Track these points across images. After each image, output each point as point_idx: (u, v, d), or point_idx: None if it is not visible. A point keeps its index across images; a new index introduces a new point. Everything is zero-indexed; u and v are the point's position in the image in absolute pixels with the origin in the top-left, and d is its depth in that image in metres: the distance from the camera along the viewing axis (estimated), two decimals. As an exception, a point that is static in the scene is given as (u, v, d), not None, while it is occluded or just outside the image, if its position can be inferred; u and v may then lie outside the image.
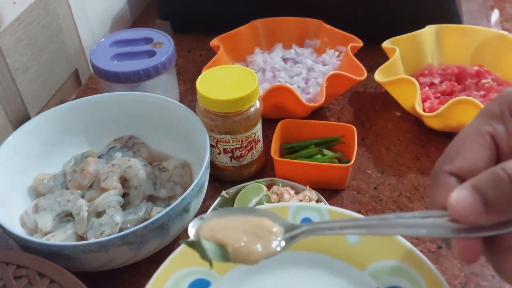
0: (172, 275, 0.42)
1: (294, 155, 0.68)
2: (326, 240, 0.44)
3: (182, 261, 0.41)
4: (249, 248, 0.33)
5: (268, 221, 0.35)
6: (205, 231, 0.35)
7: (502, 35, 0.78)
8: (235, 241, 0.34)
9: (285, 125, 0.69)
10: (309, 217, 0.47)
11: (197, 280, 0.41)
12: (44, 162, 0.64)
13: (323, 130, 0.69)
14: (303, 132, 0.70)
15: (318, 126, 0.70)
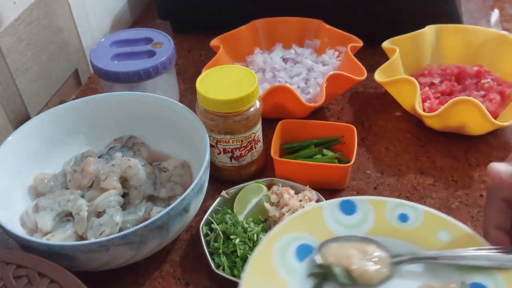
0: (282, 238, 0.46)
1: (294, 155, 0.68)
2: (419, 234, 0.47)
3: (290, 228, 0.45)
4: (369, 272, 0.42)
5: (377, 248, 0.43)
6: (331, 257, 0.43)
7: (501, 35, 0.78)
8: (359, 267, 0.42)
9: (285, 125, 0.69)
10: (405, 213, 0.48)
11: (303, 245, 0.45)
12: (44, 162, 0.64)
13: (323, 130, 0.69)
14: (303, 132, 0.70)
15: (318, 126, 0.70)
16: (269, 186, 0.64)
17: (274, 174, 0.67)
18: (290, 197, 0.60)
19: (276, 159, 0.65)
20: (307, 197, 0.61)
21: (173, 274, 0.58)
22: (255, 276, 0.43)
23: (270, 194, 0.62)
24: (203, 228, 0.59)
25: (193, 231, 0.63)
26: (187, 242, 0.62)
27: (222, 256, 0.56)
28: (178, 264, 0.59)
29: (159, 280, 0.58)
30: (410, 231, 0.46)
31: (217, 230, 0.58)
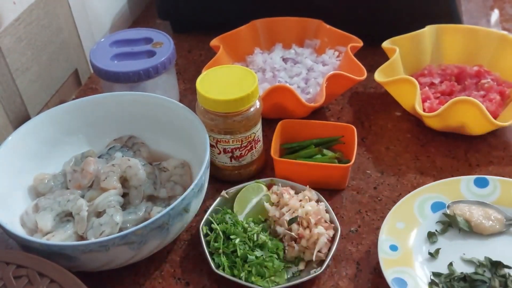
0: (423, 195, 0.61)
1: (294, 155, 0.68)
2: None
3: (431, 190, 0.61)
4: (484, 225, 0.57)
5: (496, 212, 0.58)
6: (458, 211, 0.58)
7: (501, 35, 0.78)
8: (476, 220, 0.57)
9: (285, 125, 0.69)
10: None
11: (437, 202, 0.60)
12: (44, 162, 0.64)
13: (323, 130, 0.69)
14: (303, 132, 0.70)
15: (318, 126, 0.69)
16: (269, 186, 0.64)
17: (274, 174, 0.67)
18: (290, 197, 0.60)
19: (276, 159, 0.65)
20: (307, 197, 0.61)
21: (173, 274, 0.58)
22: (397, 216, 0.58)
23: (270, 194, 0.62)
24: (203, 228, 0.59)
25: (193, 231, 0.63)
26: (187, 242, 0.62)
27: (222, 256, 0.56)
28: (178, 264, 0.59)
29: (159, 280, 0.58)
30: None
31: (217, 230, 0.58)
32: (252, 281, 0.54)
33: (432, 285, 0.53)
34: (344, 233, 0.61)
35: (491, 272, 0.53)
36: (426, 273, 0.54)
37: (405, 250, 0.56)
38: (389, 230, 0.57)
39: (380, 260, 0.54)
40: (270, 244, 0.57)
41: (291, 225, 0.58)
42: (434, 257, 0.56)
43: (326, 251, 0.57)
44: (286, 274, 0.56)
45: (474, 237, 0.58)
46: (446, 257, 0.56)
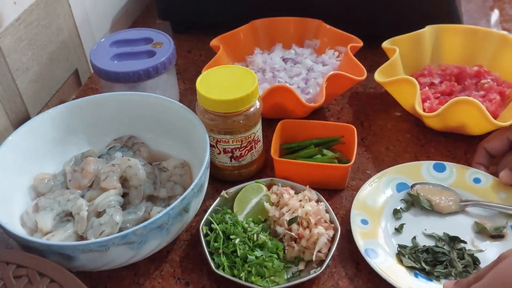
0: (390, 176, 0.66)
1: (294, 155, 0.68)
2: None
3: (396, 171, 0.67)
4: (442, 204, 0.63)
5: (453, 194, 0.64)
6: (420, 191, 0.64)
7: (501, 35, 0.78)
8: (437, 199, 0.63)
9: (285, 125, 0.69)
10: (479, 177, 0.66)
11: (401, 183, 0.66)
12: (44, 162, 0.64)
13: (323, 130, 0.69)
14: (303, 132, 0.70)
15: (318, 126, 0.70)
16: (269, 186, 0.64)
17: (274, 174, 0.67)
18: (290, 197, 0.60)
19: (276, 159, 0.65)
20: (307, 197, 0.61)
21: (173, 274, 0.58)
22: (367, 194, 0.64)
23: (270, 194, 0.62)
24: (203, 228, 0.59)
25: (193, 231, 0.63)
26: (187, 242, 0.62)
27: (222, 256, 0.56)
28: (178, 264, 0.59)
29: (159, 280, 0.58)
30: (480, 189, 0.64)
31: (217, 230, 0.58)
32: (252, 281, 0.54)
33: (399, 255, 0.58)
34: (344, 233, 0.61)
35: (449, 246, 0.59)
36: (393, 245, 0.60)
37: (374, 224, 0.61)
38: (360, 206, 0.62)
39: (353, 232, 0.59)
40: (270, 244, 0.57)
41: (291, 225, 0.58)
42: (399, 232, 0.61)
43: (326, 251, 0.57)
44: (286, 274, 0.56)
45: (434, 215, 0.63)
46: (410, 232, 0.61)
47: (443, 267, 0.57)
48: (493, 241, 0.60)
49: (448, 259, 0.57)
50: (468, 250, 0.58)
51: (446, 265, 0.57)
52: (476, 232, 0.61)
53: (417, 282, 0.55)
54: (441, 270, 0.56)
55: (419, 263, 0.57)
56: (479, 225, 0.61)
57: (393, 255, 0.58)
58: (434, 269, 0.56)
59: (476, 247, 0.59)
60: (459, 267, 0.56)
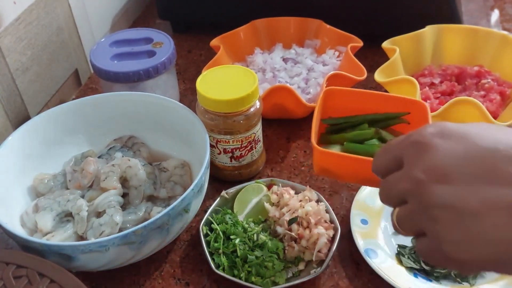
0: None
1: (340, 135, 0.52)
2: None
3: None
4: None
5: None
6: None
7: (502, 35, 0.78)
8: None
9: (331, 94, 0.53)
10: None
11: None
12: (44, 162, 0.64)
13: (381, 104, 0.52)
14: (355, 104, 0.53)
15: (375, 98, 0.53)
16: (269, 186, 0.64)
17: (274, 174, 0.67)
18: (290, 197, 0.60)
19: (317, 148, 0.48)
20: (307, 197, 0.61)
21: (173, 274, 0.58)
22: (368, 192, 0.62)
23: (270, 194, 0.62)
24: (203, 228, 0.59)
25: (193, 231, 0.63)
26: (187, 242, 0.62)
27: (222, 256, 0.56)
28: (178, 264, 0.59)
29: (159, 280, 0.58)
30: None
31: (217, 230, 0.58)
32: (252, 281, 0.54)
33: (399, 256, 0.58)
34: (344, 233, 0.61)
35: None
36: (393, 245, 0.59)
37: (374, 225, 0.61)
38: (360, 206, 0.62)
39: (353, 232, 0.59)
40: (270, 244, 0.57)
41: (291, 225, 0.58)
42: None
43: (326, 251, 0.57)
44: (286, 274, 0.56)
45: None
46: None
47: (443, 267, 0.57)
48: None
49: None
50: None
51: (446, 266, 0.57)
52: (476, 232, 0.61)
53: (417, 282, 0.55)
54: (440, 270, 0.56)
55: (418, 263, 0.57)
56: None
57: (392, 256, 0.58)
58: (433, 269, 0.57)
59: (476, 247, 0.59)
60: (459, 267, 0.56)
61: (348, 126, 0.53)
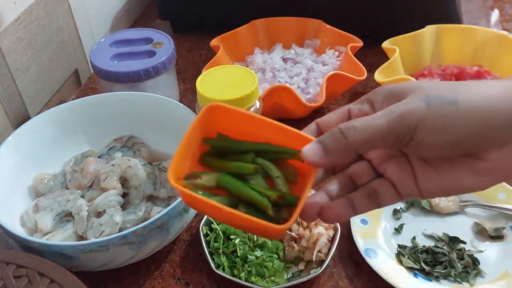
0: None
1: (220, 162, 0.40)
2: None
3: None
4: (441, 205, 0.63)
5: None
6: None
7: (501, 35, 0.78)
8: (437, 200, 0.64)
9: (217, 111, 0.41)
10: None
11: None
12: (44, 162, 0.64)
13: (273, 134, 0.41)
14: (244, 127, 0.41)
15: (266, 126, 0.40)
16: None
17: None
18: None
19: (177, 186, 0.36)
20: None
21: (173, 274, 0.58)
22: None
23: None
24: (203, 228, 0.59)
25: (193, 231, 0.63)
26: (187, 242, 0.62)
27: (222, 256, 0.56)
28: (178, 264, 0.59)
29: (159, 280, 0.58)
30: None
31: (217, 230, 0.58)
32: (252, 281, 0.54)
33: (399, 256, 0.58)
34: (344, 233, 0.61)
35: (449, 247, 0.59)
36: (393, 245, 0.60)
37: (374, 225, 0.61)
38: None
39: (353, 232, 0.59)
40: (270, 244, 0.57)
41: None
42: (399, 232, 0.62)
43: (326, 251, 0.57)
44: (286, 274, 0.56)
45: (433, 215, 0.64)
46: (410, 232, 0.61)
47: (443, 267, 0.57)
48: (493, 242, 0.60)
49: (447, 260, 0.57)
50: (468, 250, 0.58)
51: (446, 266, 0.57)
52: (475, 233, 0.61)
53: (417, 282, 0.55)
54: (440, 270, 0.56)
55: (418, 263, 0.57)
56: (479, 226, 0.61)
57: (392, 255, 0.58)
58: (433, 270, 0.57)
59: (476, 248, 0.59)
60: (459, 267, 0.56)
61: (233, 152, 0.41)
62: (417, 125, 0.33)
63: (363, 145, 0.35)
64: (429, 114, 0.33)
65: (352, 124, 0.35)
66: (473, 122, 0.33)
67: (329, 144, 0.35)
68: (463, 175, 0.35)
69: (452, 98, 0.33)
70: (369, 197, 0.38)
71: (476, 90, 0.34)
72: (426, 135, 0.33)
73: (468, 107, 0.33)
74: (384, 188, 0.38)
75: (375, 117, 0.34)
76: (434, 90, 0.34)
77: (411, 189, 0.37)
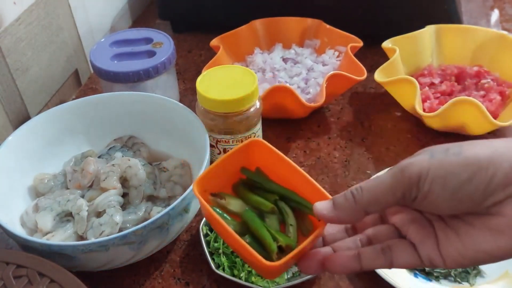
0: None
1: (245, 193, 0.45)
2: None
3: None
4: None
5: None
6: None
7: (501, 35, 0.78)
8: None
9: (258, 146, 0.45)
10: None
11: None
12: (44, 162, 0.64)
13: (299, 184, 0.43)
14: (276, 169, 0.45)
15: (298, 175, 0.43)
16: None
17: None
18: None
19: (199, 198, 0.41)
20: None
21: (173, 274, 0.59)
22: None
23: (270, 194, 0.62)
24: (203, 228, 0.59)
25: (193, 231, 0.63)
26: (187, 242, 0.62)
27: (222, 256, 0.56)
28: (178, 264, 0.59)
29: (159, 280, 0.58)
30: None
31: (217, 230, 0.58)
32: (252, 281, 0.54)
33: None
34: (344, 233, 0.61)
35: None
36: None
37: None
38: None
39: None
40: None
41: (291, 225, 0.58)
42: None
43: (326, 251, 0.57)
44: (286, 274, 0.56)
45: None
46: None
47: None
48: None
49: None
50: None
51: (446, 265, 0.57)
52: (476, 232, 0.61)
53: (417, 282, 0.55)
54: (440, 270, 0.56)
55: (419, 263, 0.57)
56: None
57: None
58: (433, 269, 0.57)
59: (476, 248, 0.59)
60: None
61: (262, 188, 0.45)
62: (420, 175, 0.34)
63: (370, 204, 0.36)
64: (432, 163, 0.34)
65: (360, 185, 0.37)
66: (477, 167, 0.33)
67: (339, 202, 0.37)
68: (482, 237, 0.34)
69: (457, 150, 0.34)
70: (382, 253, 0.38)
71: (481, 143, 0.35)
72: (431, 185, 0.34)
73: (471, 154, 0.33)
74: (402, 247, 0.38)
75: (381, 176, 0.36)
76: (440, 147, 0.35)
77: (432, 251, 0.36)
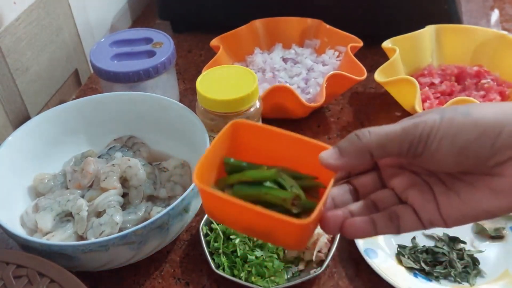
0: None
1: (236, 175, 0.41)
2: None
3: None
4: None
5: None
6: None
7: (501, 35, 0.78)
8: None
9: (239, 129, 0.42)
10: None
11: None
12: (44, 162, 0.64)
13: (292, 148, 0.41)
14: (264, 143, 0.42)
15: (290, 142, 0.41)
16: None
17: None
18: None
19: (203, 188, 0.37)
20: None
21: (173, 274, 0.59)
22: None
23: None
24: (203, 228, 0.59)
25: (193, 231, 0.63)
26: (187, 242, 0.62)
27: (222, 256, 0.56)
28: (178, 264, 0.59)
29: (159, 280, 0.58)
30: None
31: (217, 230, 0.58)
32: (252, 281, 0.54)
33: (399, 256, 0.58)
34: (344, 233, 0.61)
35: (449, 247, 0.59)
36: (393, 245, 0.60)
37: None
38: None
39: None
40: (270, 244, 0.57)
41: (291, 225, 0.58)
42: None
43: (326, 251, 0.57)
44: (286, 274, 0.56)
45: None
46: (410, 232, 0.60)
47: (443, 267, 0.57)
48: (493, 242, 0.60)
49: (447, 260, 0.57)
50: (468, 250, 0.58)
51: (446, 266, 0.57)
52: (475, 233, 0.61)
53: (417, 282, 0.55)
54: (440, 270, 0.57)
55: (418, 263, 0.57)
56: (479, 226, 0.61)
57: (392, 255, 0.58)
58: (433, 270, 0.57)
59: (476, 248, 0.59)
60: (459, 267, 0.57)
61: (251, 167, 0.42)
62: (430, 133, 0.35)
63: (377, 148, 0.36)
64: (442, 123, 0.35)
65: (367, 129, 0.36)
66: (485, 127, 0.34)
67: (344, 146, 0.37)
68: (483, 196, 0.35)
69: (466, 110, 0.35)
70: (390, 220, 0.38)
71: (489, 104, 0.36)
72: (439, 144, 0.35)
73: (479, 115, 0.34)
74: (406, 214, 0.38)
75: (391, 125, 0.36)
76: (450, 107, 0.36)
77: (433, 215, 0.38)
